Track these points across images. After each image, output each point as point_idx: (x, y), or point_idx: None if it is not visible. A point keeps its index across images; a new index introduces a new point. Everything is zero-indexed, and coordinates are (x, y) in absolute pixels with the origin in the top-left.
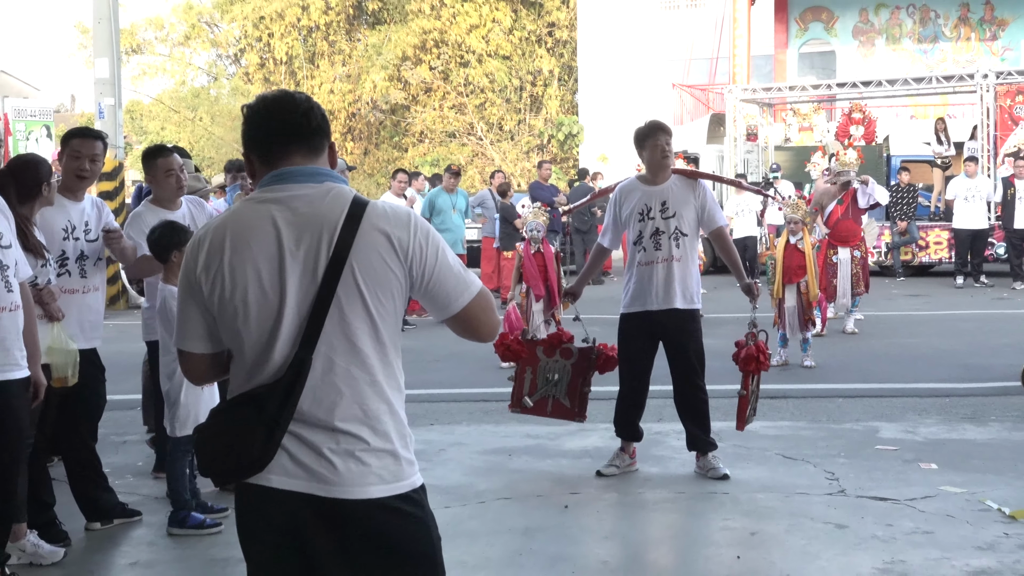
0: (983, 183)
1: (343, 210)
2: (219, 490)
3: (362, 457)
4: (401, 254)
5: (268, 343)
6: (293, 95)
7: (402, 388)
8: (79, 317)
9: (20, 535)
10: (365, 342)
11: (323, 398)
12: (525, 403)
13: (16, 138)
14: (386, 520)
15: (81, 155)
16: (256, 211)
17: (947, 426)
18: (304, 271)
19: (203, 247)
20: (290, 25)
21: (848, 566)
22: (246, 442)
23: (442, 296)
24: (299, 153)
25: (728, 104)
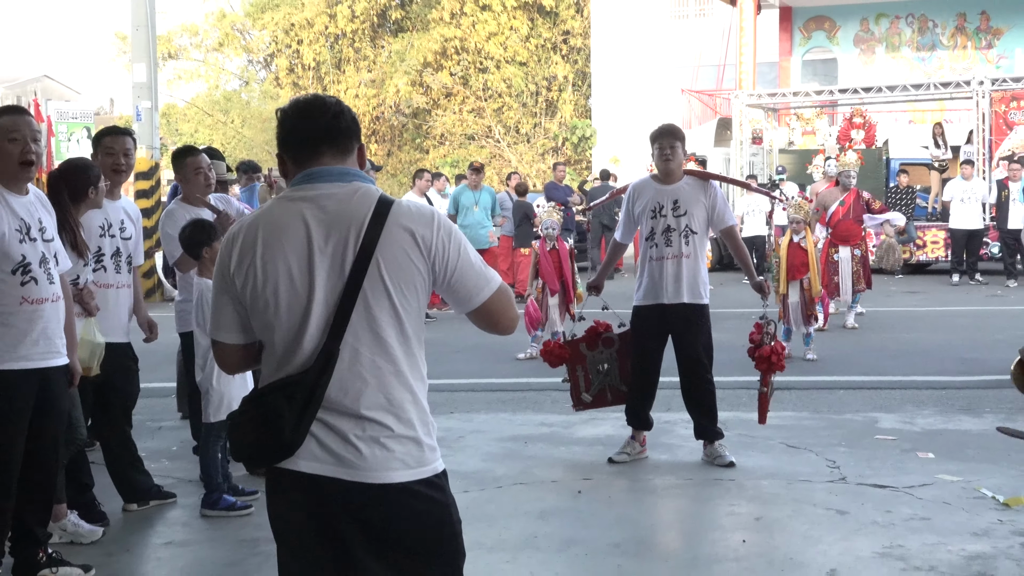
0: (978, 185)
1: (370, 208)
2: (250, 474)
3: (386, 443)
4: (424, 250)
5: (297, 334)
6: (324, 99)
7: (425, 378)
8: (115, 311)
9: (61, 515)
10: (389, 334)
11: (349, 387)
12: (585, 399)
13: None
14: (410, 503)
15: (115, 151)
16: (287, 209)
17: (944, 417)
18: (332, 266)
19: (236, 243)
20: (318, 32)
21: (849, 550)
22: (276, 428)
23: (464, 291)
24: (328, 154)
25: (734, 109)
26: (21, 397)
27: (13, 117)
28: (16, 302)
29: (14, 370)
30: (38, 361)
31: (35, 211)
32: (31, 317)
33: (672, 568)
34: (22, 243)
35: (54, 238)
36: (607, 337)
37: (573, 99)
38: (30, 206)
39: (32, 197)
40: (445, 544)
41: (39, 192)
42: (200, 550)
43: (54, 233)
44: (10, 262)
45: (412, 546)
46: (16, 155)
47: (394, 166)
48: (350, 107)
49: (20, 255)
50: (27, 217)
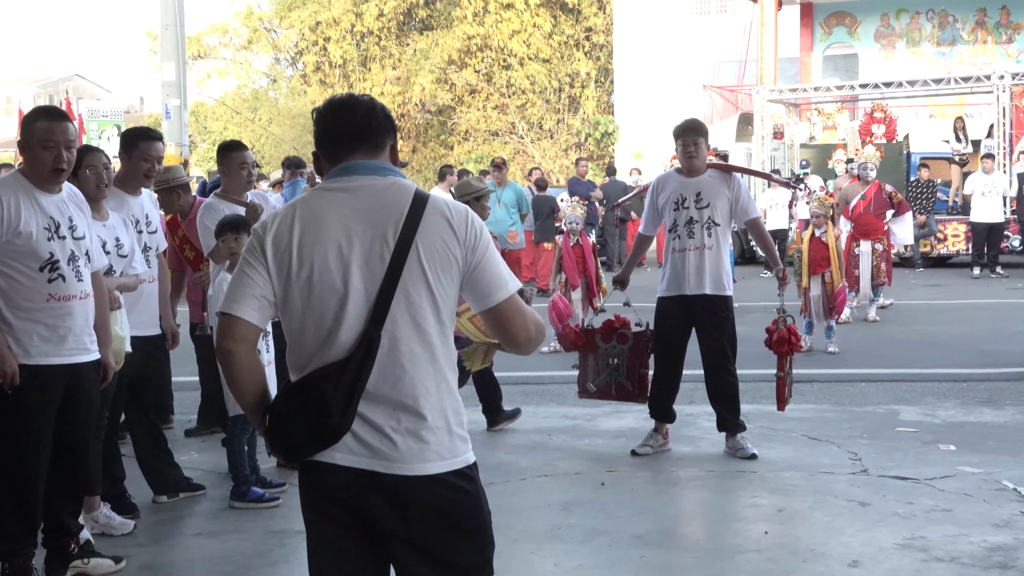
0: (999, 179)
1: (408, 199)
2: (278, 466)
3: (421, 434)
4: (460, 239)
5: (334, 323)
6: (357, 98)
7: (456, 369)
8: (146, 305)
9: (94, 507)
10: (428, 321)
11: (387, 374)
12: (589, 388)
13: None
14: (443, 495)
15: (150, 157)
16: (324, 198)
17: (964, 409)
18: (371, 254)
19: (270, 230)
20: (345, 30)
21: (871, 541)
22: (324, 414)
23: (482, 286)
24: (361, 150)
25: (756, 104)
26: (48, 391)
27: (49, 123)
28: (43, 299)
29: (41, 365)
30: (66, 357)
31: (66, 209)
32: (59, 314)
33: (695, 559)
34: (50, 241)
35: (85, 236)
36: (622, 333)
37: (596, 95)
38: (61, 204)
39: (64, 195)
40: (476, 535)
41: (73, 189)
42: (229, 541)
43: (86, 230)
44: (38, 260)
45: (444, 537)
46: (49, 162)
47: (419, 162)
48: (384, 105)
49: (48, 253)
50: (57, 215)
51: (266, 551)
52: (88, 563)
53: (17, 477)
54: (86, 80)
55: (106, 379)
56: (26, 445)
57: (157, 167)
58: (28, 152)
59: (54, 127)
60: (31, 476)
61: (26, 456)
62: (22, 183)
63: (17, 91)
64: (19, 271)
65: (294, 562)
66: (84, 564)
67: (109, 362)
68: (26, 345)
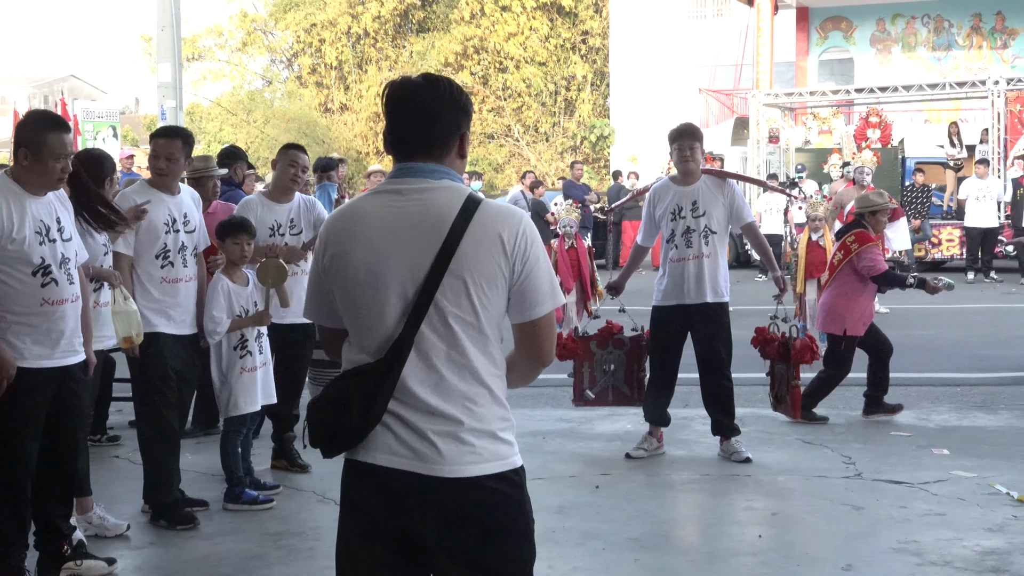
0: (993, 184)
1: (458, 205)
2: (271, 467)
3: (462, 437)
4: (508, 250)
5: (375, 323)
6: (425, 101)
7: (501, 374)
8: (185, 304)
9: (88, 508)
10: (466, 330)
11: (426, 380)
12: (587, 395)
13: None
14: (483, 498)
15: (159, 154)
16: (376, 200)
17: (959, 414)
18: (415, 258)
19: (326, 233)
20: (340, 32)
21: (864, 545)
22: (346, 414)
23: (528, 298)
24: (422, 153)
25: (752, 108)
26: (39, 394)
27: (61, 135)
28: (37, 303)
29: (33, 368)
30: (58, 360)
31: (53, 211)
32: (52, 318)
33: (689, 562)
34: (42, 245)
35: (72, 236)
36: (618, 339)
37: (592, 98)
38: (49, 206)
39: (51, 196)
40: (515, 540)
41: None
42: (223, 543)
43: (72, 231)
44: (30, 265)
45: (482, 540)
46: (58, 172)
47: None
48: (458, 92)
49: (40, 257)
50: (46, 218)
51: (261, 553)
52: (81, 565)
53: (7, 479)
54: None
55: (87, 373)
56: (16, 447)
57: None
58: (36, 162)
59: (65, 139)
60: (21, 478)
61: (16, 458)
62: (11, 187)
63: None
64: (12, 276)
65: (289, 564)
66: (77, 566)
67: (91, 358)
68: (19, 348)
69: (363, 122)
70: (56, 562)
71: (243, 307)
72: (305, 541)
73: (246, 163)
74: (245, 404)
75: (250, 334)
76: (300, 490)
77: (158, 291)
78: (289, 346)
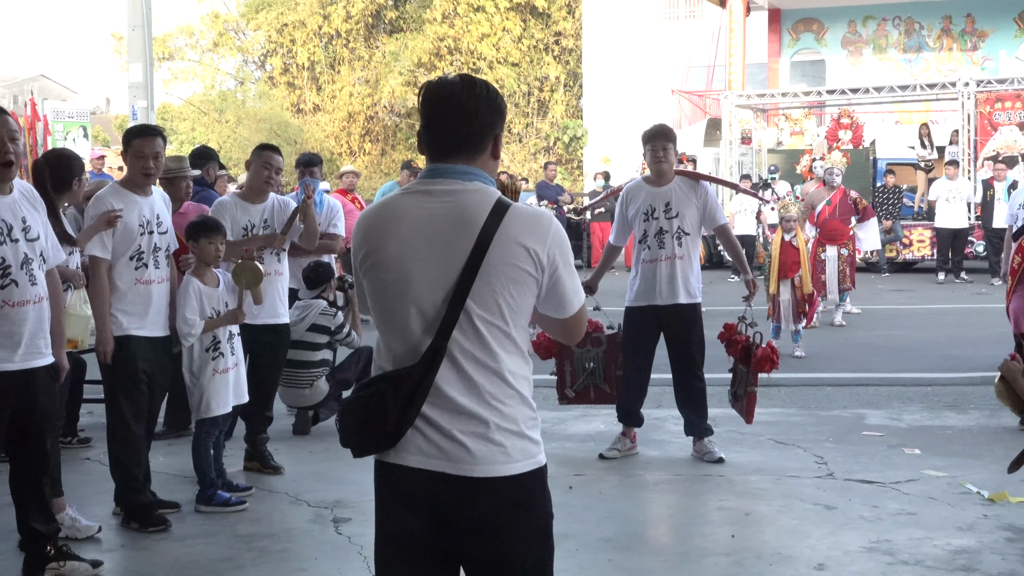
0: (964, 185)
1: (487, 208)
2: (244, 469)
3: (493, 437)
4: (535, 255)
5: (405, 324)
6: (462, 101)
7: (530, 376)
8: (157, 306)
9: (60, 508)
10: (495, 333)
11: (456, 382)
12: (568, 394)
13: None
14: (514, 496)
15: (144, 154)
16: (406, 201)
17: (930, 413)
18: (444, 261)
19: (359, 232)
20: (312, 32)
21: (836, 544)
22: (380, 418)
23: (557, 301)
24: (455, 155)
25: (724, 109)
26: (2, 398)
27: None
28: None
29: None
30: (20, 363)
31: (19, 210)
32: (13, 320)
33: (662, 562)
34: (2, 245)
35: (39, 236)
36: (596, 337)
37: (565, 99)
38: (14, 205)
39: (17, 195)
40: (541, 537)
41: (26, 187)
42: (195, 546)
43: (40, 231)
44: None
45: (513, 538)
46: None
47: (388, 165)
48: (494, 93)
49: (0, 258)
50: (9, 218)
51: (233, 555)
52: (64, 565)
53: None
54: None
55: (58, 378)
56: None
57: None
58: None
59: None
60: None
61: None
62: None
63: None
64: None
65: (261, 566)
66: (60, 566)
67: (63, 363)
68: None
69: (336, 123)
70: (40, 563)
71: (214, 308)
72: (277, 543)
73: (218, 164)
74: (217, 406)
75: (222, 335)
76: (273, 492)
77: (132, 293)
78: (262, 347)
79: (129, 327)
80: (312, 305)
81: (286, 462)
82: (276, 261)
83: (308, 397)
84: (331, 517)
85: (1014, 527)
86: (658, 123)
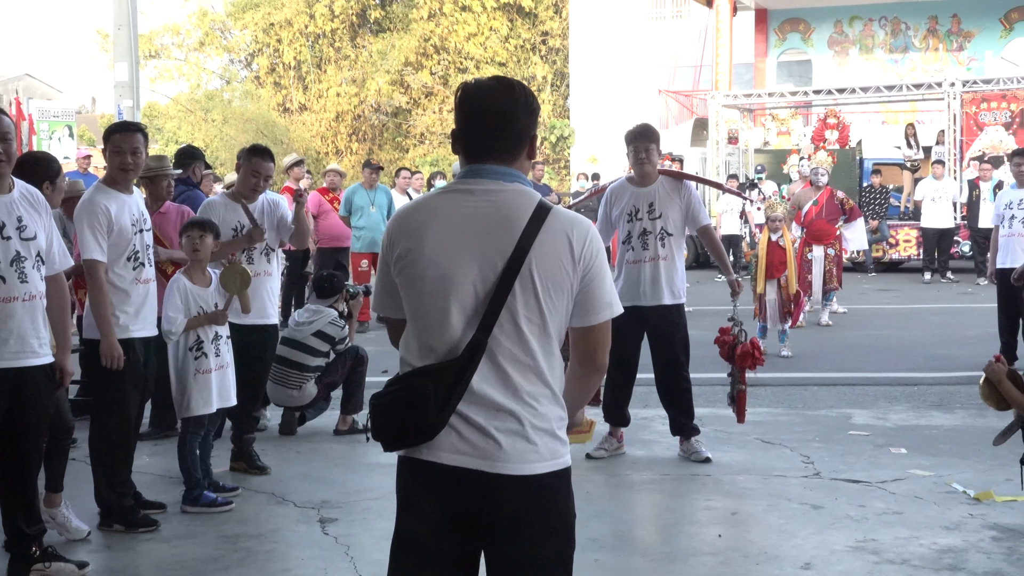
0: (949, 185)
1: (529, 209)
2: (230, 469)
3: (526, 435)
4: (576, 256)
5: (443, 320)
6: (502, 104)
7: (562, 376)
8: (150, 306)
9: (56, 503)
10: (533, 331)
11: (491, 378)
12: None
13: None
14: (542, 494)
15: (122, 149)
16: (448, 199)
17: (916, 413)
18: (486, 259)
19: (395, 227)
20: (298, 32)
21: (823, 544)
22: (421, 411)
23: (588, 305)
24: (495, 157)
25: (711, 109)
26: None
27: None
28: None
29: None
30: (9, 360)
31: (15, 209)
32: (0, 316)
33: (649, 562)
34: None
35: (36, 236)
36: None
37: (552, 99)
38: (11, 204)
39: (16, 195)
40: (565, 534)
41: (28, 189)
42: (181, 546)
43: (38, 231)
44: None
45: (537, 534)
46: None
47: None
48: (531, 96)
49: None
50: (3, 215)
51: (219, 556)
52: (50, 566)
53: None
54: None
55: (62, 383)
56: None
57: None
58: None
59: None
60: None
61: None
62: None
63: None
64: None
65: (247, 567)
66: (46, 567)
67: (65, 366)
68: None
69: (323, 122)
70: (26, 563)
71: (202, 308)
72: (263, 543)
73: (204, 163)
74: (199, 406)
75: (206, 335)
76: (259, 492)
77: (134, 294)
78: (249, 347)
79: (133, 330)
80: (324, 312)
81: (272, 462)
82: (265, 261)
83: (296, 398)
84: (317, 517)
85: (1000, 526)
86: (641, 123)
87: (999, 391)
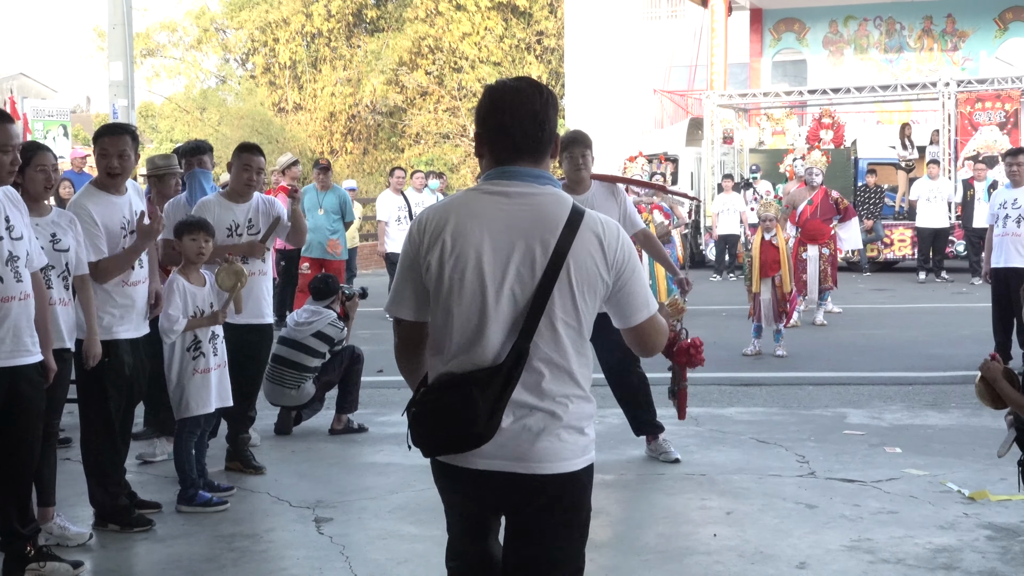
0: (944, 185)
1: (565, 213)
2: (225, 469)
3: (558, 434)
4: (610, 260)
5: (479, 325)
6: (533, 107)
7: (591, 376)
8: (139, 307)
9: (48, 517)
10: (569, 333)
11: (527, 380)
12: None
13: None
14: (572, 490)
15: (109, 152)
16: (482, 200)
17: (910, 412)
18: (523, 263)
19: (428, 227)
20: (294, 31)
21: (818, 543)
22: (470, 419)
23: (625, 307)
24: (525, 159)
25: (706, 109)
26: None
27: (5, 126)
28: None
29: None
30: (5, 360)
31: (2, 209)
32: None
33: (644, 562)
34: None
35: (24, 235)
36: None
37: None
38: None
39: (1, 195)
40: (583, 527)
41: (9, 190)
42: (176, 546)
43: (24, 230)
44: None
45: (566, 528)
46: (6, 167)
47: (370, 165)
48: (555, 99)
49: None
50: None
51: (214, 555)
52: (44, 566)
53: None
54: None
55: (47, 380)
56: None
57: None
58: None
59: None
60: None
61: None
62: None
63: None
64: None
65: (242, 566)
66: (41, 567)
67: (51, 363)
68: None
69: (318, 122)
70: (20, 563)
71: (199, 308)
72: (258, 543)
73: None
74: (197, 406)
75: (203, 335)
76: (254, 492)
77: (120, 296)
78: (245, 347)
79: (117, 332)
80: (324, 314)
81: (268, 462)
82: (260, 261)
83: (294, 398)
84: (313, 517)
85: (994, 525)
86: (574, 129)
87: (995, 390)
